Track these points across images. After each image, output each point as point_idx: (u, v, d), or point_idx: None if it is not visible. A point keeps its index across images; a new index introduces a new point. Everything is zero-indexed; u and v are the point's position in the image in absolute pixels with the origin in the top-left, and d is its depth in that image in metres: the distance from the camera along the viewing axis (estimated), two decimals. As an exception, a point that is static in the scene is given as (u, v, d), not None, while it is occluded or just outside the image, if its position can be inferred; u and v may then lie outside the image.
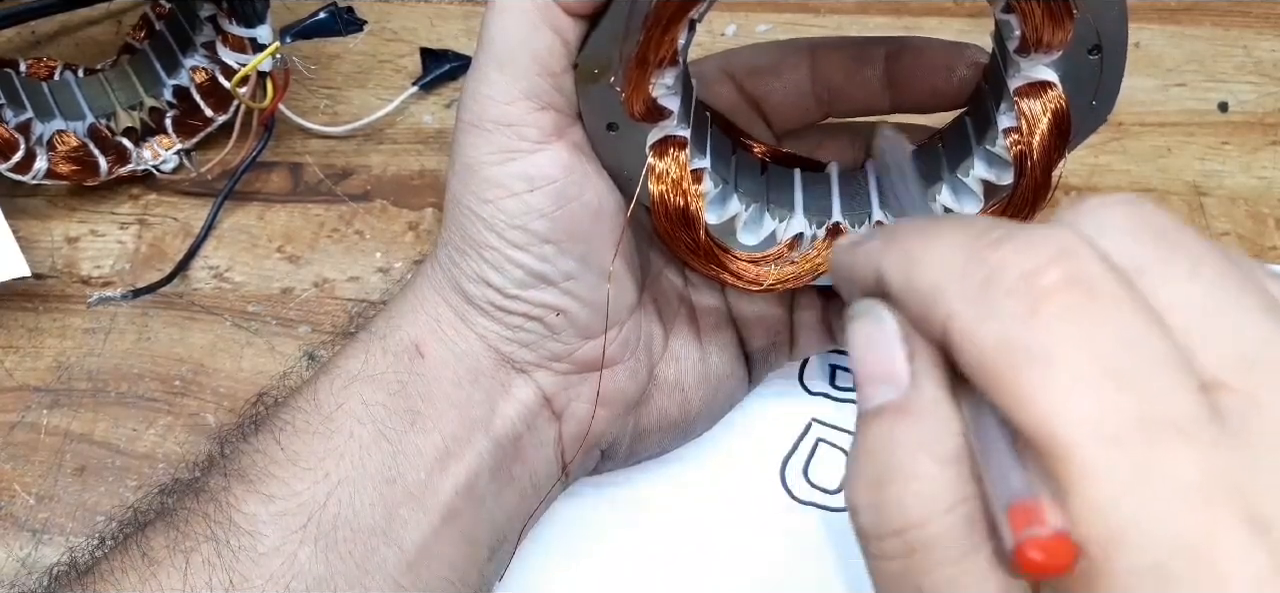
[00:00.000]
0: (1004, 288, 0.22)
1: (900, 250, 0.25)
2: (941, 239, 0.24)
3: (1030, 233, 0.22)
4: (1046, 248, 0.22)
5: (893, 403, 0.24)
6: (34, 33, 0.62)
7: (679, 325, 0.44)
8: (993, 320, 0.22)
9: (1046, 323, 0.21)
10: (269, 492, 0.36)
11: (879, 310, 0.25)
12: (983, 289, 0.22)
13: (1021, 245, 0.22)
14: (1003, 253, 0.22)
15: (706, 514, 0.46)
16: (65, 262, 0.55)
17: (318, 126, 0.59)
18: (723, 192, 0.39)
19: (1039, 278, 0.22)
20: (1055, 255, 0.22)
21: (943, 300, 0.23)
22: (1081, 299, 0.21)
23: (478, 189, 0.36)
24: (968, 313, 0.22)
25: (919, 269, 0.24)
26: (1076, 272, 0.22)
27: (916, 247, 0.24)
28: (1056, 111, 0.34)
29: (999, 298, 0.22)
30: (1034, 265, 0.22)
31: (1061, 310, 0.21)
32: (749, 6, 0.64)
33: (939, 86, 0.40)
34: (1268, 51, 0.62)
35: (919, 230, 0.25)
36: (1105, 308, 0.21)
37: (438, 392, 0.39)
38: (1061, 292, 0.21)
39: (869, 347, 0.25)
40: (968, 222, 0.24)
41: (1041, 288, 0.22)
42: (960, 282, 0.23)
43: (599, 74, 0.34)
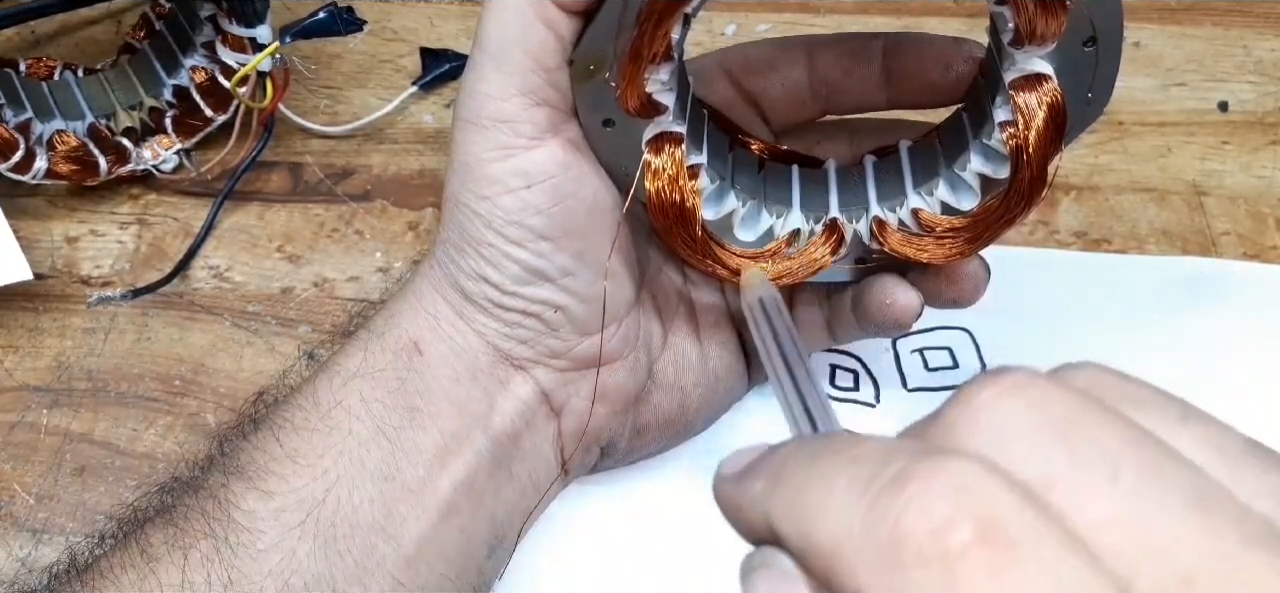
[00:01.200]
0: (913, 555, 0.19)
1: (790, 498, 0.22)
2: (834, 487, 0.21)
3: (930, 470, 0.20)
4: (949, 494, 0.19)
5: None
6: (34, 33, 0.62)
7: (678, 322, 0.44)
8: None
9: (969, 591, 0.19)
10: (268, 489, 0.36)
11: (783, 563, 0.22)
12: (891, 555, 0.20)
13: (923, 490, 0.20)
14: (903, 502, 0.20)
15: (706, 514, 0.46)
16: (65, 262, 0.55)
17: (318, 126, 0.59)
18: (719, 188, 0.39)
19: (949, 536, 0.19)
20: (961, 502, 0.19)
21: (849, 571, 0.20)
22: (1000, 554, 0.19)
23: (475, 186, 0.36)
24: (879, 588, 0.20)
25: (815, 527, 0.21)
26: (987, 519, 0.19)
27: (807, 496, 0.22)
28: (1052, 104, 0.34)
29: (911, 570, 0.19)
30: (941, 519, 0.19)
31: (982, 573, 0.19)
32: (749, 6, 0.64)
33: (936, 82, 0.40)
34: (1268, 51, 0.62)
35: (807, 470, 0.22)
36: (1029, 557, 0.19)
37: (436, 389, 0.39)
38: (977, 549, 0.19)
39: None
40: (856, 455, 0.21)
41: (954, 549, 0.19)
42: (863, 546, 0.20)
43: (594, 70, 0.34)
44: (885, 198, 0.40)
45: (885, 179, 0.40)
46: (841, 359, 0.50)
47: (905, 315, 0.40)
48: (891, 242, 0.39)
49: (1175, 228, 0.55)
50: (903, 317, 0.40)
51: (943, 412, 0.22)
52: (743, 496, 0.24)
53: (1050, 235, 0.55)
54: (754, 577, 0.23)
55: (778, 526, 0.22)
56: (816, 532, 0.21)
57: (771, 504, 0.23)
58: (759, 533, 0.24)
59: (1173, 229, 0.55)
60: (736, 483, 0.25)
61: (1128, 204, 0.56)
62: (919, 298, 0.40)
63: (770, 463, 0.24)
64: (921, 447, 0.21)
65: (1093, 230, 0.55)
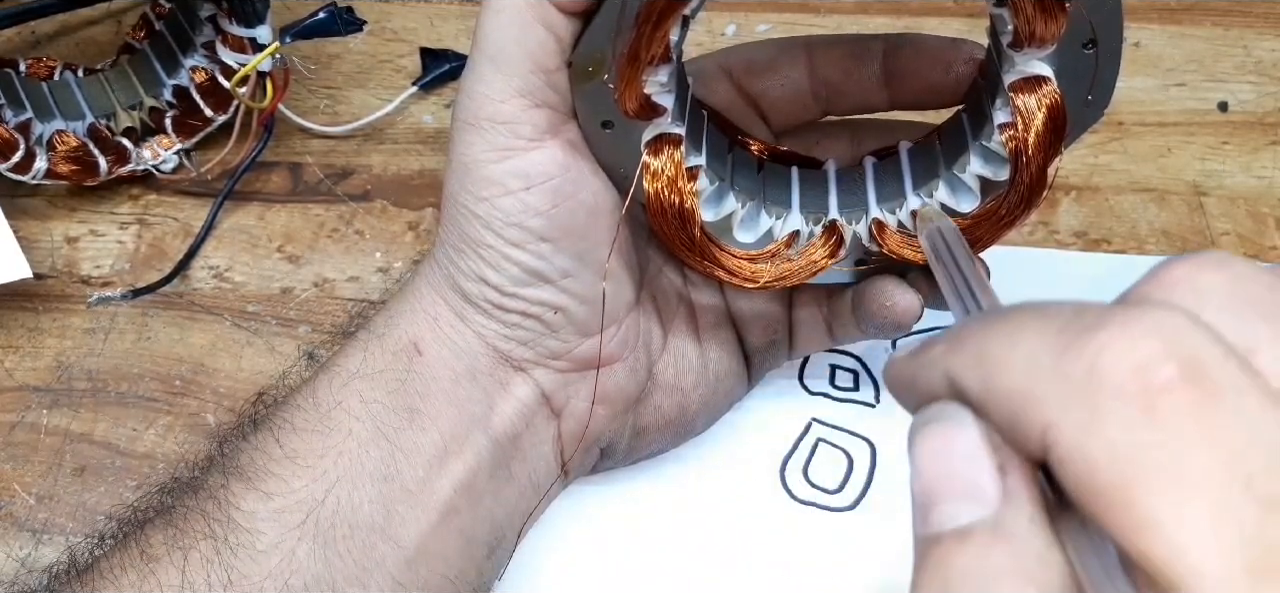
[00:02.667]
0: (1111, 388, 0.19)
1: (974, 350, 0.22)
2: (1025, 331, 0.21)
3: (1128, 317, 0.19)
4: (1153, 335, 0.19)
5: (981, 524, 0.21)
6: (34, 33, 0.62)
7: (678, 324, 0.44)
8: (1103, 429, 0.19)
9: (1169, 429, 0.18)
10: (268, 489, 0.36)
11: (959, 414, 0.22)
12: (1086, 390, 0.19)
13: (1123, 333, 0.19)
14: (1102, 343, 0.19)
15: (706, 514, 0.46)
16: (65, 262, 0.55)
17: (318, 126, 0.59)
18: (719, 189, 0.39)
19: (1152, 373, 0.18)
20: (1165, 343, 0.19)
21: (1037, 406, 0.20)
22: (1205, 397, 0.18)
23: (474, 187, 0.36)
24: (1071, 420, 0.19)
25: (1002, 369, 0.21)
26: (1193, 362, 0.19)
27: (994, 343, 0.21)
28: (1051, 106, 0.34)
29: (1107, 401, 0.19)
30: (1144, 357, 0.19)
31: (1185, 412, 0.18)
32: (749, 6, 0.64)
33: (936, 83, 0.40)
34: (1268, 51, 0.62)
35: (994, 324, 0.22)
36: (1233, 406, 0.18)
37: (436, 390, 0.39)
38: (1180, 389, 0.18)
39: (946, 457, 0.21)
40: (1050, 308, 0.21)
41: (1157, 385, 0.18)
42: (1056, 382, 0.20)
43: (593, 71, 0.34)
44: (885, 199, 0.40)
45: (885, 181, 0.40)
46: (841, 359, 0.51)
47: (905, 317, 0.40)
48: (891, 243, 0.39)
49: (1175, 228, 0.55)
50: (902, 318, 0.40)
51: (1135, 287, 0.22)
52: (919, 361, 0.23)
53: (1050, 235, 0.55)
54: (925, 430, 0.22)
55: (959, 376, 0.22)
56: (1002, 375, 0.21)
57: (952, 360, 0.22)
58: (935, 391, 0.23)
59: (1173, 229, 0.55)
60: (912, 355, 0.24)
61: (1128, 204, 0.56)
62: (918, 299, 0.40)
63: (951, 331, 0.23)
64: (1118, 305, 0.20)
65: (1093, 230, 0.55)
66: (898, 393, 0.25)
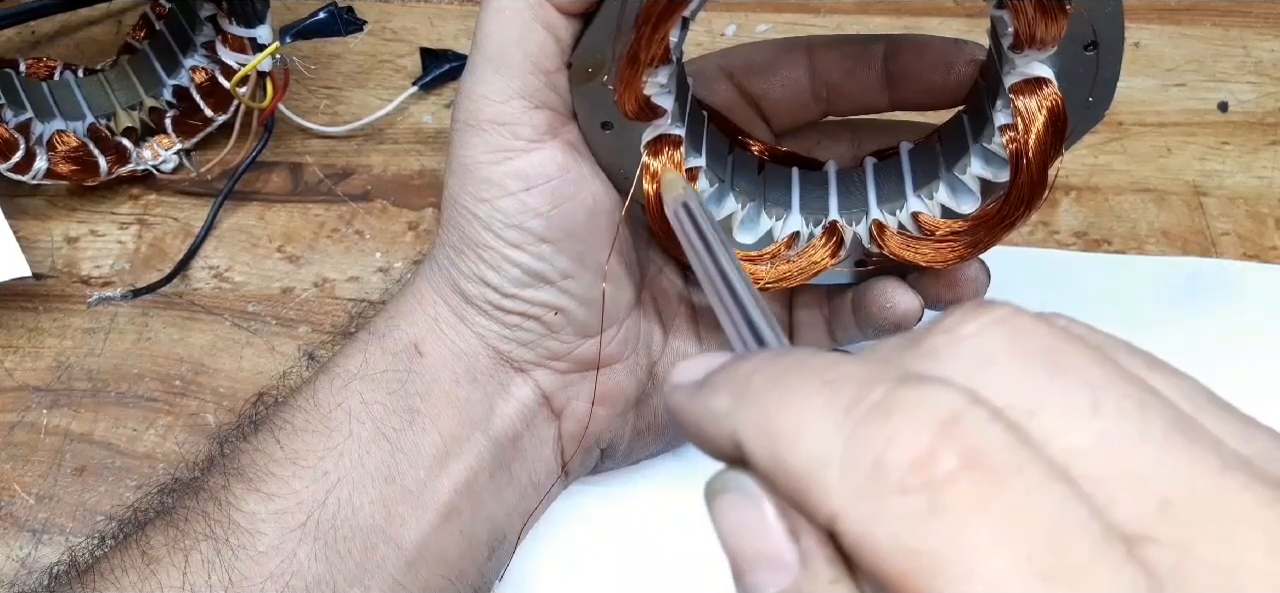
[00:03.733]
0: (895, 482, 0.19)
1: (759, 417, 0.22)
2: (809, 406, 0.21)
3: (911, 402, 0.20)
4: (930, 420, 0.19)
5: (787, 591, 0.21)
6: (34, 33, 0.62)
7: (678, 324, 0.44)
8: (889, 523, 0.19)
9: (952, 523, 0.18)
10: (268, 490, 0.36)
11: (748, 486, 0.22)
12: (870, 483, 0.19)
13: (902, 421, 0.19)
14: (884, 433, 0.19)
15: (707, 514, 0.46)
16: (65, 262, 0.55)
17: (318, 127, 0.59)
18: (719, 190, 0.39)
19: (932, 465, 0.19)
20: (942, 428, 0.19)
21: (824, 494, 0.20)
22: (984, 483, 0.19)
23: (474, 189, 0.36)
24: (857, 513, 0.19)
25: (788, 449, 0.21)
26: (971, 447, 0.19)
27: (779, 414, 0.21)
28: (1052, 108, 0.34)
29: (891, 496, 0.19)
30: (924, 448, 0.19)
31: (967, 501, 0.18)
32: (749, 7, 0.64)
33: (937, 84, 0.40)
34: (1268, 51, 0.62)
35: (777, 387, 0.22)
36: (1012, 487, 0.19)
37: (436, 391, 0.39)
38: (960, 479, 0.19)
39: (742, 528, 0.22)
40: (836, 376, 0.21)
41: (938, 478, 0.19)
42: (843, 472, 0.20)
43: (593, 73, 0.34)
44: (885, 200, 0.40)
45: (885, 182, 0.40)
46: (841, 360, 0.50)
47: (905, 319, 0.40)
48: (891, 245, 0.39)
49: (1175, 228, 0.55)
50: (902, 320, 0.40)
51: (923, 337, 0.22)
52: (704, 410, 0.23)
53: (1050, 235, 0.55)
54: (721, 501, 0.22)
55: (746, 445, 0.22)
56: (790, 455, 0.21)
57: (738, 422, 0.22)
58: (723, 451, 0.23)
59: (1173, 229, 0.55)
60: (695, 394, 0.24)
61: (1128, 204, 0.56)
62: (919, 301, 0.40)
63: (734, 377, 0.23)
64: (901, 373, 0.20)
65: (1093, 230, 0.55)
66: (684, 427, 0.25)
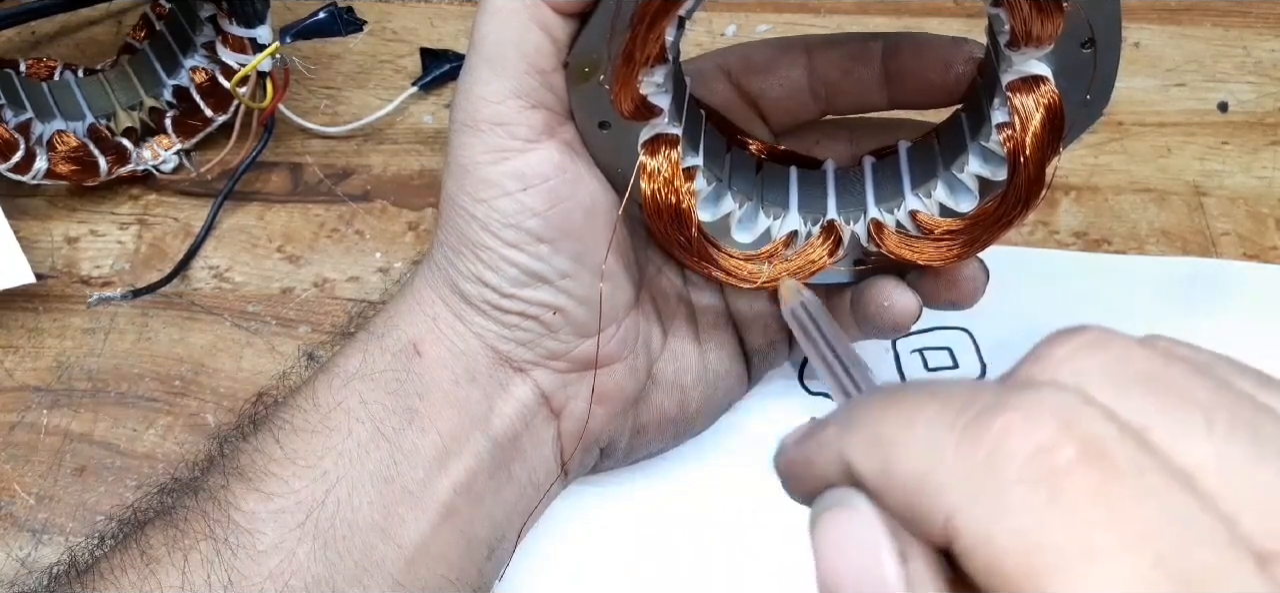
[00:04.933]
0: (1014, 473, 0.19)
1: (870, 433, 0.21)
2: (922, 413, 0.20)
3: (1022, 400, 0.19)
4: (1050, 416, 0.19)
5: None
6: (34, 33, 0.62)
7: (678, 324, 0.44)
8: (1007, 515, 0.18)
9: (1076, 512, 0.18)
10: (268, 490, 0.36)
11: (856, 501, 0.21)
12: (987, 476, 0.19)
13: (1020, 417, 0.19)
14: (1002, 427, 0.19)
15: (706, 514, 0.46)
16: (65, 262, 0.55)
17: (318, 127, 0.59)
18: (716, 189, 0.39)
19: (1053, 456, 0.18)
20: (1063, 425, 0.19)
21: (938, 494, 0.19)
22: (1108, 476, 0.18)
23: (472, 189, 0.36)
24: (974, 508, 0.19)
25: (900, 455, 0.20)
26: (1092, 441, 0.18)
27: (890, 426, 0.21)
28: (1049, 106, 0.34)
29: (1010, 486, 0.18)
30: (1044, 440, 0.19)
31: (1090, 494, 0.18)
32: (749, 7, 0.64)
33: (936, 82, 0.40)
34: (1268, 51, 0.62)
35: (889, 405, 0.21)
36: (1136, 484, 0.18)
37: (436, 391, 0.39)
38: (1082, 469, 0.18)
39: (847, 548, 0.21)
40: (943, 390, 0.21)
41: (1059, 467, 0.18)
42: (957, 468, 0.19)
43: (589, 72, 0.34)
44: (883, 199, 0.40)
45: (883, 181, 0.40)
46: (841, 360, 0.50)
47: (903, 318, 0.40)
48: (889, 244, 0.39)
49: (1175, 228, 0.55)
50: (901, 319, 0.40)
51: (1017, 368, 0.21)
52: (812, 445, 0.23)
53: (1050, 235, 0.55)
54: (826, 517, 0.22)
55: (855, 461, 0.21)
56: (900, 461, 0.20)
57: (847, 443, 0.22)
58: (830, 477, 0.22)
59: (1173, 229, 0.55)
60: (803, 440, 0.23)
61: (1128, 204, 0.56)
62: (917, 300, 0.40)
63: (842, 412, 0.23)
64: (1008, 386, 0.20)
65: (1093, 230, 0.55)
66: (789, 481, 0.24)
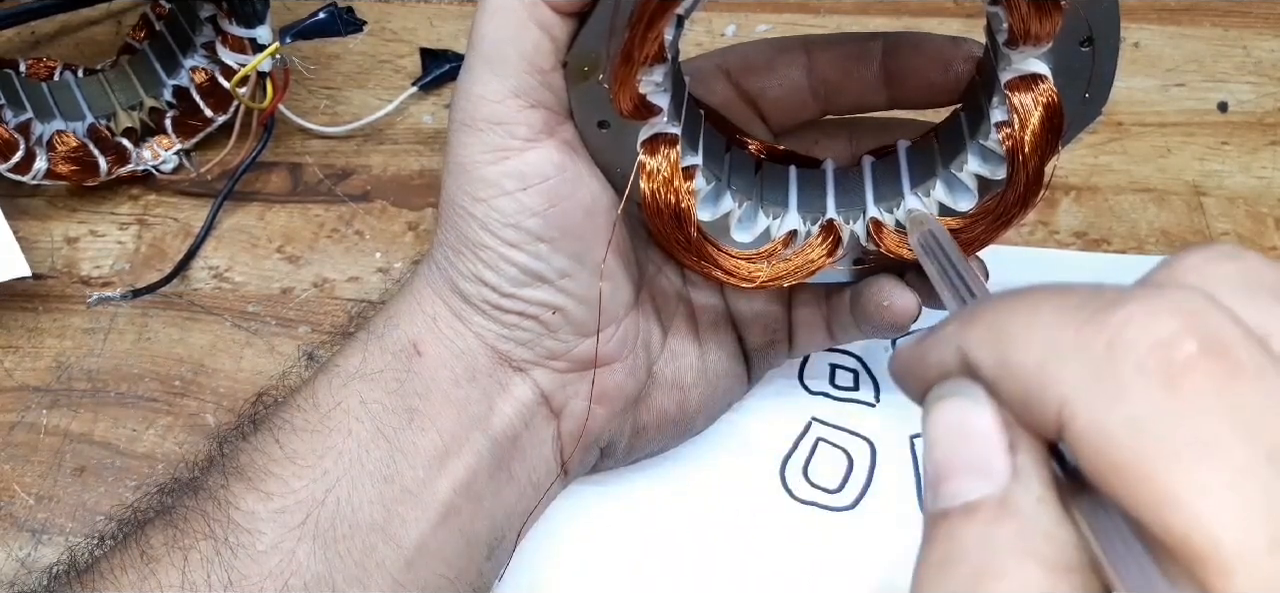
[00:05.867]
0: (1132, 363, 0.18)
1: (989, 325, 0.21)
2: (1043, 307, 0.20)
3: (1148, 295, 0.19)
4: (1174, 312, 0.19)
5: (988, 499, 0.21)
6: (34, 33, 0.62)
7: (677, 323, 0.44)
8: (1124, 403, 0.18)
9: (1191, 403, 0.18)
10: (267, 490, 0.36)
11: (972, 390, 0.22)
12: (1105, 365, 0.19)
13: (1143, 309, 0.19)
14: (1122, 319, 0.19)
15: (706, 514, 0.46)
16: (65, 262, 0.55)
17: (318, 127, 0.59)
18: (715, 189, 0.39)
19: (1173, 349, 0.18)
20: (1186, 320, 0.19)
21: (1054, 382, 0.19)
22: (1227, 372, 0.18)
23: (471, 188, 0.36)
24: (1090, 394, 0.19)
25: (1018, 345, 0.20)
26: (1215, 338, 0.18)
27: (1011, 319, 0.21)
28: (1048, 105, 0.34)
29: (1127, 376, 0.18)
30: (1165, 333, 0.18)
31: (1207, 387, 0.18)
32: (749, 7, 0.64)
33: (935, 81, 0.40)
34: (1268, 51, 0.62)
35: (1010, 301, 0.21)
36: (1255, 382, 0.18)
37: (435, 390, 0.39)
38: (1202, 364, 0.18)
39: (958, 432, 0.21)
40: (1067, 288, 0.21)
41: (1179, 361, 0.18)
42: (1074, 358, 0.19)
43: (588, 72, 0.34)
44: (882, 199, 0.40)
45: (883, 180, 0.40)
46: (841, 359, 0.51)
47: (902, 317, 0.40)
48: (888, 243, 0.39)
49: (1175, 228, 0.55)
50: (900, 318, 0.40)
51: (1150, 274, 0.21)
52: (931, 340, 0.23)
53: (1050, 235, 0.55)
54: (940, 405, 0.22)
55: (972, 351, 0.22)
56: (1018, 350, 0.20)
57: (966, 336, 0.22)
58: (947, 369, 0.23)
59: (1172, 229, 0.55)
60: (923, 336, 0.24)
61: (1127, 204, 0.56)
62: (916, 299, 0.40)
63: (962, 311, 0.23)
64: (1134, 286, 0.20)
65: (1093, 230, 0.55)
66: (905, 377, 0.24)
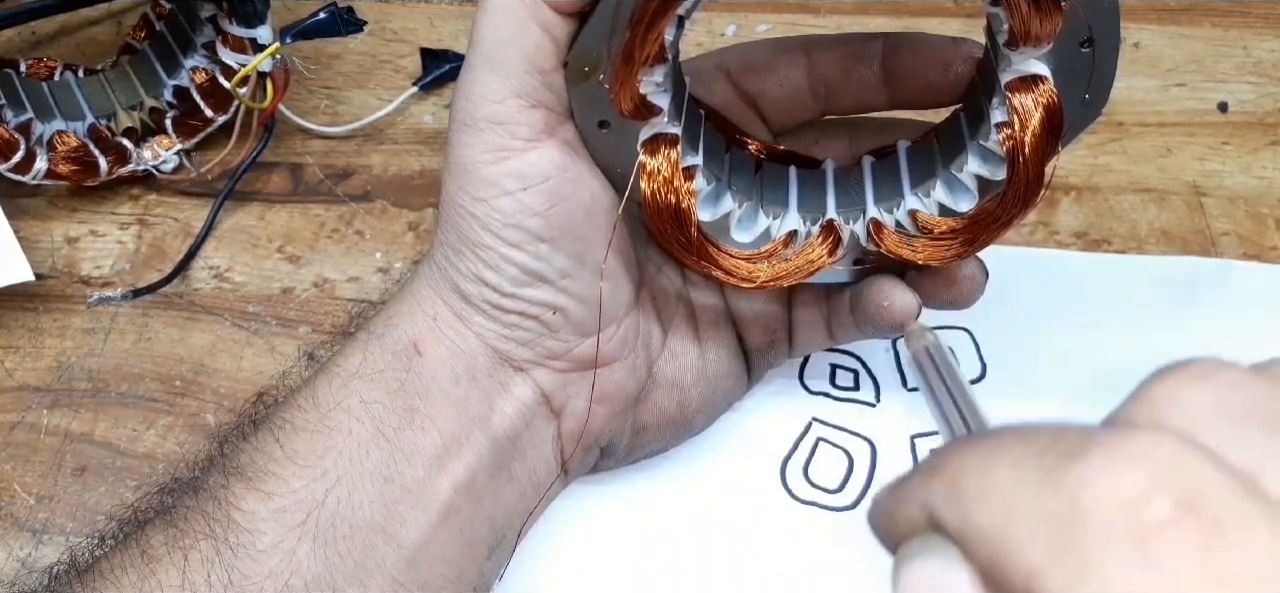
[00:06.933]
0: (1098, 530, 0.17)
1: (950, 479, 0.20)
2: (1001, 459, 0.19)
3: (1112, 441, 0.18)
4: (1141, 462, 0.17)
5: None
6: (34, 33, 0.62)
7: (678, 323, 0.44)
8: (1093, 577, 0.17)
9: (1168, 576, 0.16)
10: (268, 490, 0.36)
11: (943, 549, 0.20)
12: (1069, 531, 0.17)
13: (1107, 461, 0.17)
14: (1083, 474, 0.17)
15: (706, 514, 0.46)
16: (65, 262, 0.55)
17: (318, 127, 0.59)
18: (716, 189, 0.39)
19: (1144, 508, 0.17)
20: (1156, 473, 0.17)
21: (1019, 550, 0.18)
22: (1206, 533, 0.16)
23: (472, 188, 0.36)
24: (1057, 568, 0.17)
25: (978, 505, 0.19)
26: (1189, 492, 0.17)
27: (970, 473, 0.19)
28: (1048, 106, 0.34)
29: (1094, 545, 0.17)
30: (1133, 490, 0.17)
31: (1185, 553, 0.16)
32: (749, 7, 0.64)
33: (935, 81, 0.40)
34: (1268, 51, 0.62)
35: (969, 450, 0.20)
36: (1238, 541, 0.16)
37: (436, 390, 0.39)
38: (1177, 525, 0.16)
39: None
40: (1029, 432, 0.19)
41: (1151, 523, 0.17)
42: (1036, 522, 0.18)
43: (589, 72, 0.34)
44: (882, 199, 0.40)
45: (883, 180, 0.40)
46: (842, 359, 0.51)
47: (903, 316, 0.40)
48: (888, 243, 0.39)
49: (1175, 228, 0.55)
50: (900, 317, 0.40)
51: (1120, 409, 0.20)
52: (897, 495, 0.22)
53: (1050, 236, 0.55)
54: (911, 565, 0.21)
55: (937, 510, 0.20)
56: (979, 511, 0.19)
57: (929, 492, 0.21)
58: (916, 525, 0.21)
59: (1173, 229, 0.55)
60: (892, 488, 0.22)
61: (1128, 204, 0.56)
62: (916, 299, 0.40)
63: (930, 460, 0.22)
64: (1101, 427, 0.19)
65: (1093, 230, 0.55)
66: (880, 532, 0.23)
